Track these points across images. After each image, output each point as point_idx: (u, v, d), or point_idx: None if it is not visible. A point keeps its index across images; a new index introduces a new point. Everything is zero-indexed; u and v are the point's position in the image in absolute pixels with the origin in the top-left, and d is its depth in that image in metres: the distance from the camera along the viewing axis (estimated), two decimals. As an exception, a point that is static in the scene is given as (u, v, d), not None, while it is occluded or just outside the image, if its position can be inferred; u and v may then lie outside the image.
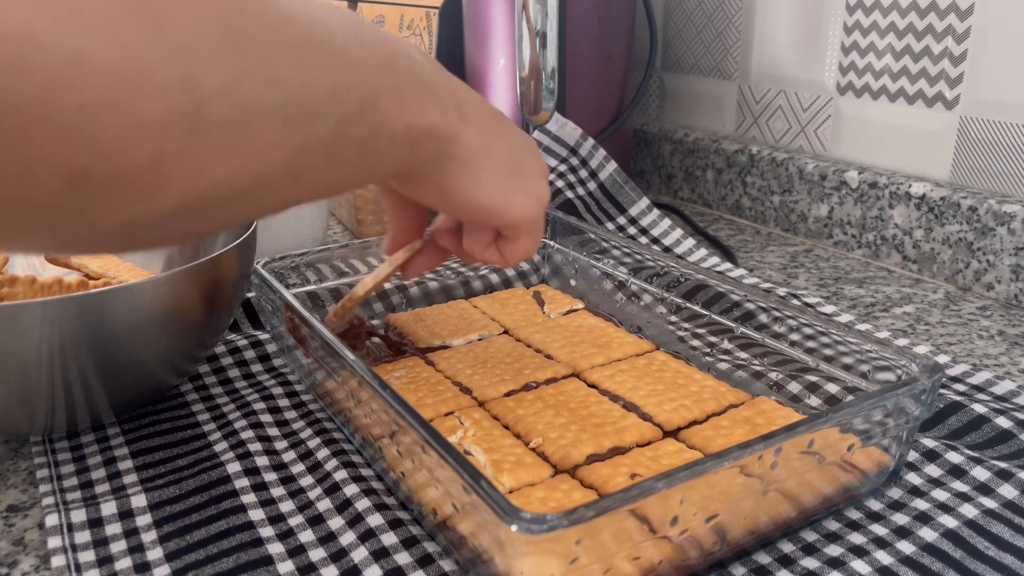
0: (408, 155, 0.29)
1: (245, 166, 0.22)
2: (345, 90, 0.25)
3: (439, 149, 0.30)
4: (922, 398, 0.33)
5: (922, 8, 0.60)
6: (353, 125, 0.26)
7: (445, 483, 0.29)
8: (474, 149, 0.32)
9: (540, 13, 0.63)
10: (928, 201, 0.59)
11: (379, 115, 0.27)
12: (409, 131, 0.28)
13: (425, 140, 0.29)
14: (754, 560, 0.32)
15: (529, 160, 0.35)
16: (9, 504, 0.37)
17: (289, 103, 0.23)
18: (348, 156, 0.26)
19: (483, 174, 0.32)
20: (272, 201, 0.25)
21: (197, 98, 0.20)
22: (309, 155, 0.24)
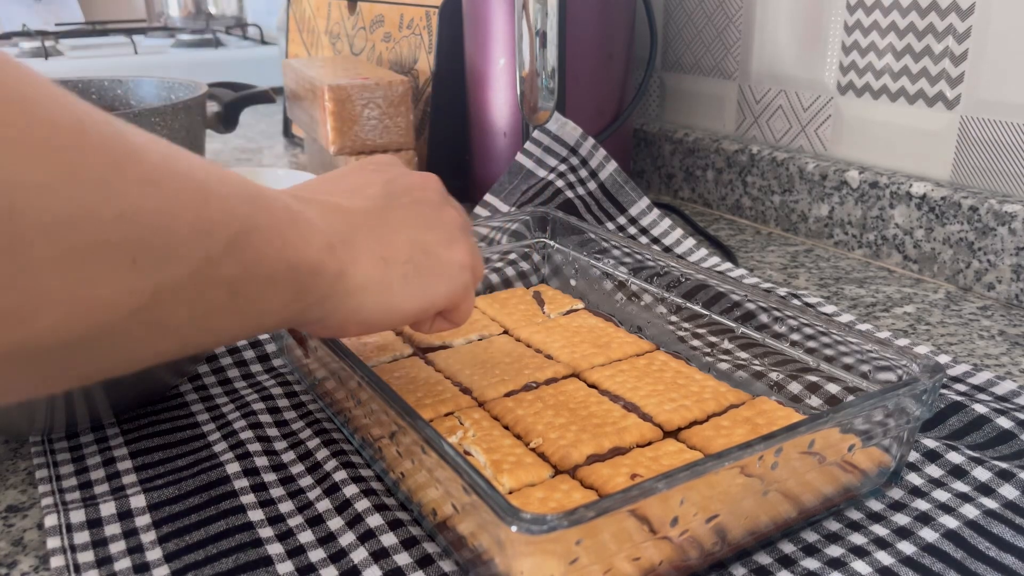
0: (294, 296, 0.27)
1: (80, 313, 0.19)
2: (209, 227, 0.22)
3: (331, 287, 0.28)
4: (923, 398, 0.33)
5: (923, 7, 0.60)
6: (220, 265, 0.23)
7: (445, 483, 0.29)
8: (371, 271, 0.30)
9: (540, 13, 0.62)
10: (929, 201, 0.59)
11: (252, 253, 0.24)
12: (291, 271, 0.26)
13: (311, 279, 0.27)
14: (754, 560, 0.32)
15: (436, 234, 0.33)
16: (8, 504, 0.37)
17: (139, 242, 0.20)
18: (217, 301, 0.24)
19: (391, 290, 0.31)
20: (126, 353, 0.23)
21: (15, 232, 0.17)
22: (165, 300, 0.22)
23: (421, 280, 0.32)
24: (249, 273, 0.25)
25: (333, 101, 0.67)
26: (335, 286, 0.29)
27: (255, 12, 1.76)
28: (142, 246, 0.20)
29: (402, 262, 0.31)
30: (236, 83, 0.93)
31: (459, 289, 0.33)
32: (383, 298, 0.30)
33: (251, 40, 1.62)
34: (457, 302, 0.34)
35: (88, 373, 0.22)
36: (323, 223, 0.29)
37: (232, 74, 1.21)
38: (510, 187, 0.65)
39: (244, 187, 0.25)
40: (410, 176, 0.35)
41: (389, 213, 0.32)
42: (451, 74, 0.76)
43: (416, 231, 0.33)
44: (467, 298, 0.34)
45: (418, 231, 0.33)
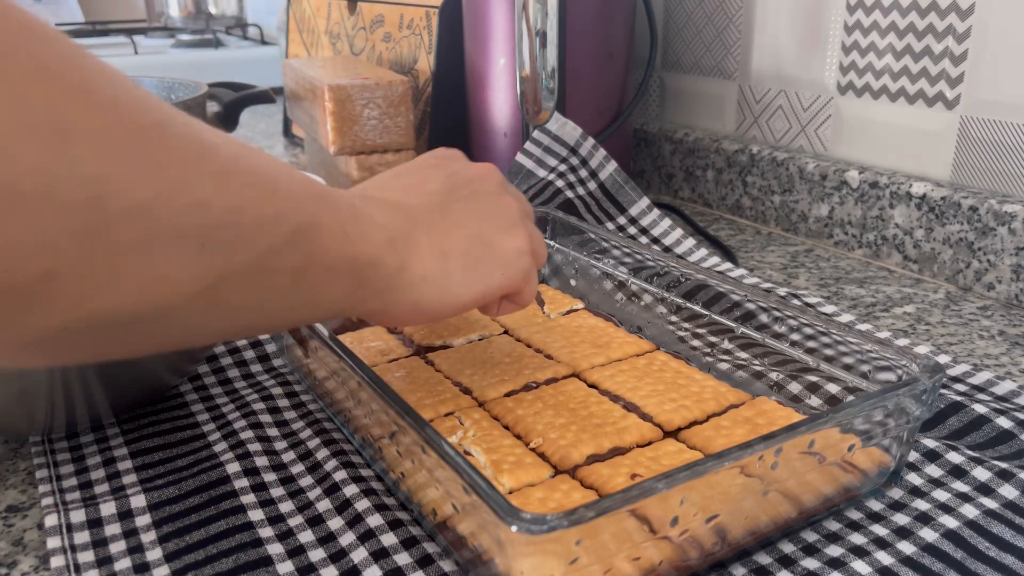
0: (355, 287, 0.29)
1: (148, 291, 0.21)
2: (275, 219, 0.24)
3: (391, 280, 0.30)
4: (923, 398, 0.33)
5: (923, 8, 0.60)
6: (283, 255, 0.25)
7: (445, 483, 0.29)
8: (431, 265, 0.31)
9: (540, 12, 0.62)
10: (929, 201, 0.59)
11: (314, 246, 0.26)
12: (351, 263, 0.28)
13: (371, 272, 0.29)
14: (754, 560, 0.32)
15: (495, 223, 0.34)
16: (8, 504, 0.37)
17: (208, 229, 0.22)
18: (278, 286, 0.25)
19: (450, 281, 0.32)
20: (189, 330, 0.24)
21: (101, 219, 0.19)
22: (229, 284, 0.23)
23: (479, 269, 0.33)
24: (311, 263, 0.26)
25: (333, 101, 0.67)
26: (395, 279, 0.30)
27: (255, 12, 1.76)
28: (210, 233, 0.22)
29: (461, 253, 0.32)
30: (236, 83, 0.93)
31: (518, 275, 0.34)
32: (443, 289, 0.32)
33: (251, 40, 1.62)
34: (518, 286, 0.35)
35: (156, 345, 0.24)
36: (385, 220, 0.30)
37: (232, 74, 1.21)
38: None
39: (311, 186, 0.27)
40: (470, 169, 0.36)
41: (449, 207, 0.33)
42: (451, 74, 0.76)
43: (475, 222, 0.34)
44: (529, 281, 0.35)
45: (477, 222, 0.34)
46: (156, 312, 0.22)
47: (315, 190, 0.27)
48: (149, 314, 0.22)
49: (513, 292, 0.35)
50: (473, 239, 0.33)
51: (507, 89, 0.70)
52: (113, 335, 0.22)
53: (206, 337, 0.26)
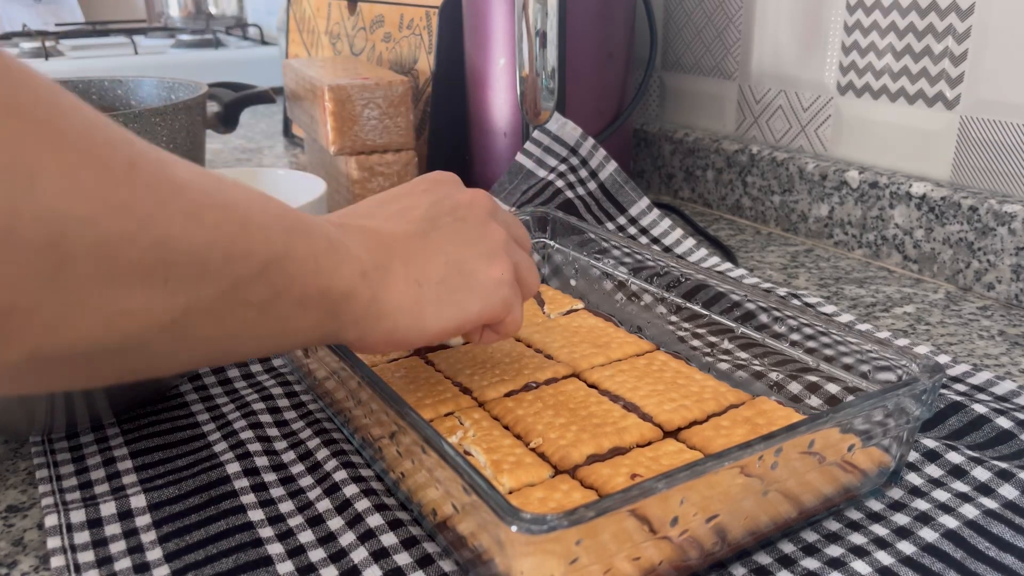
0: (327, 318, 0.29)
1: (112, 325, 0.21)
2: (244, 254, 0.24)
3: (364, 311, 0.30)
4: (923, 398, 0.33)
5: (923, 8, 0.60)
6: (252, 289, 0.25)
7: (445, 483, 0.29)
8: (404, 295, 0.31)
9: (540, 12, 0.62)
10: (928, 201, 0.59)
11: (284, 279, 0.26)
12: (323, 296, 0.28)
13: (344, 304, 0.29)
14: (754, 560, 0.32)
15: (475, 251, 0.34)
16: (8, 504, 0.37)
17: (174, 265, 0.22)
18: (247, 319, 0.26)
19: (423, 311, 0.32)
20: (156, 360, 0.24)
21: (63, 257, 0.19)
22: (196, 317, 0.23)
23: (455, 298, 0.33)
24: (280, 296, 0.26)
25: (333, 101, 0.67)
26: (368, 310, 0.30)
27: (255, 12, 1.76)
28: (175, 269, 0.22)
29: (436, 282, 0.32)
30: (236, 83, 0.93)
31: (497, 305, 0.34)
32: (415, 319, 0.32)
33: (251, 40, 1.62)
34: (498, 316, 0.34)
35: (123, 375, 0.25)
36: (360, 250, 0.30)
37: (232, 74, 1.21)
38: (510, 187, 0.65)
39: (284, 217, 0.27)
40: (457, 195, 0.36)
41: (429, 235, 0.33)
42: (451, 74, 0.77)
43: (454, 250, 0.33)
44: (511, 311, 0.35)
45: (456, 250, 0.34)
46: (121, 344, 0.22)
47: (290, 222, 0.27)
48: (114, 346, 0.22)
49: (494, 322, 0.35)
50: (451, 267, 0.33)
51: (507, 89, 0.70)
52: (78, 366, 0.22)
53: (174, 367, 0.26)
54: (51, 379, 0.23)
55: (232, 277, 0.24)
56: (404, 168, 0.70)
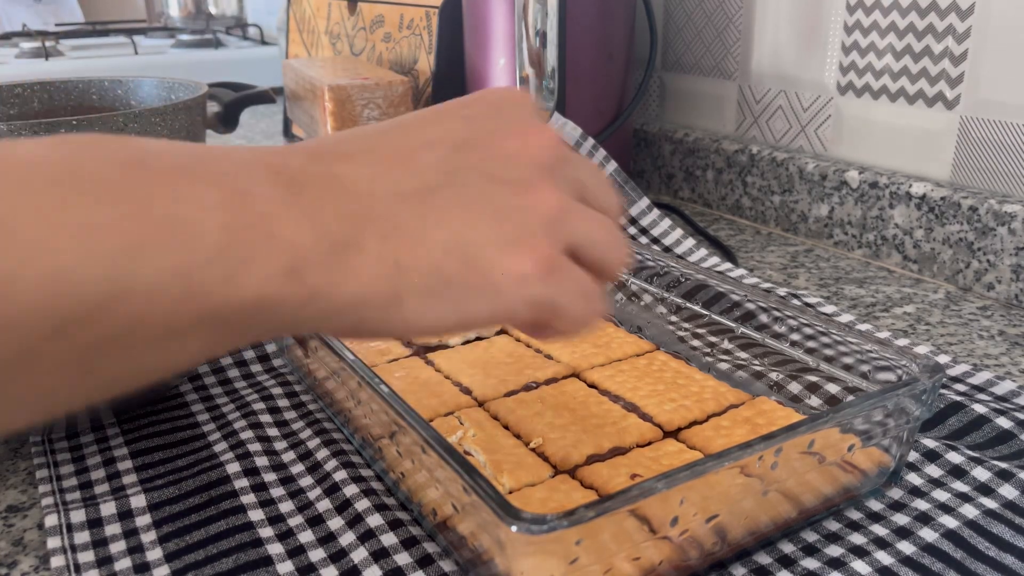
0: (222, 338, 0.21)
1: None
2: (25, 319, 0.17)
3: (298, 314, 0.21)
4: (923, 398, 0.33)
5: (922, 8, 0.60)
6: (59, 343, 0.18)
7: (445, 483, 0.29)
8: (374, 285, 0.22)
9: (540, 13, 0.62)
10: (928, 201, 0.59)
11: (119, 319, 0.18)
12: (201, 321, 0.20)
13: (258, 315, 0.20)
14: (754, 560, 0.32)
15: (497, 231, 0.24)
16: (8, 504, 0.37)
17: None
18: (67, 371, 0.19)
19: (402, 305, 0.23)
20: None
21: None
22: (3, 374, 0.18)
23: (451, 294, 0.24)
24: (115, 339, 0.19)
25: (333, 101, 0.67)
26: (305, 311, 0.22)
27: (255, 12, 1.76)
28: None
29: (424, 271, 0.23)
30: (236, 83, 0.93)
31: (514, 306, 0.24)
32: (391, 313, 0.23)
33: (251, 40, 1.62)
34: (519, 321, 0.25)
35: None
36: (301, 228, 0.21)
37: (232, 74, 1.21)
38: (510, 187, 0.65)
39: (158, 229, 0.19)
40: (504, 137, 0.25)
41: (436, 196, 0.24)
42: (451, 74, 0.76)
43: (464, 226, 0.24)
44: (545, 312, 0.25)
45: (469, 225, 0.24)
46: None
47: (137, 233, 0.18)
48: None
49: (523, 326, 0.26)
50: (451, 251, 0.24)
51: (507, 89, 0.70)
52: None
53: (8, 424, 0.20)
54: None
55: (13, 345, 0.17)
56: (404, 168, 0.70)
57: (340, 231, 0.22)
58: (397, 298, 0.23)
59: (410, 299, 0.23)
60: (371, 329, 0.24)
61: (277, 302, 0.21)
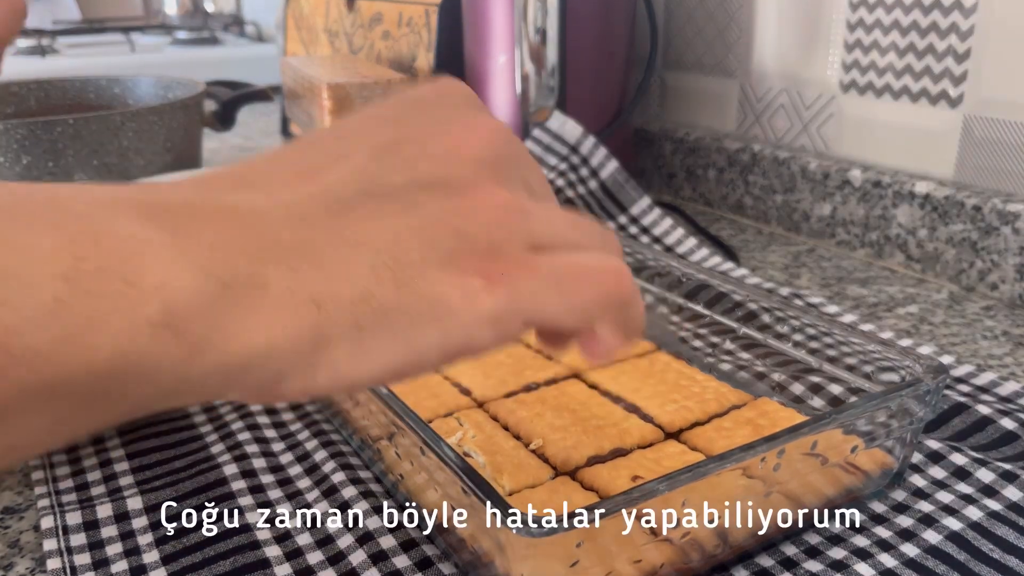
0: (72, 415, 0.16)
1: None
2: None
3: (183, 372, 0.17)
4: (926, 399, 0.33)
5: (925, 5, 0.59)
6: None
7: (444, 485, 0.29)
8: (288, 325, 0.18)
9: (540, 10, 0.62)
10: (932, 200, 0.59)
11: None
12: (51, 390, 0.15)
13: (114, 383, 0.16)
14: (756, 563, 0.31)
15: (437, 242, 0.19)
16: (4, 506, 0.36)
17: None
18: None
19: (331, 351, 0.19)
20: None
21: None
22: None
23: (389, 326, 0.19)
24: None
25: (332, 99, 0.67)
26: (191, 371, 0.17)
27: (253, 10, 1.75)
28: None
29: (349, 302, 0.19)
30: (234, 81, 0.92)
31: (469, 330, 0.20)
32: (317, 361, 0.19)
33: (248, 38, 1.62)
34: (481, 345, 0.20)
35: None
36: (176, 270, 0.16)
37: (230, 72, 1.20)
38: (510, 186, 0.64)
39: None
40: (441, 133, 0.21)
41: (354, 213, 0.19)
42: (451, 72, 0.76)
43: (393, 242, 0.19)
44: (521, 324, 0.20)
45: (397, 241, 0.19)
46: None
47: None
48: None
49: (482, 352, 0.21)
50: (380, 275, 0.19)
51: (507, 87, 0.70)
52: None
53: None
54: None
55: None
56: (403, 167, 0.70)
57: (233, 268, 0.17)
58: (321, 342, 0.18)
59: (338, 341, 0.19)
60: (295, 387, 0.19)
61: (145, 363, 0.16)
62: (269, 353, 0.18)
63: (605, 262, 0.21)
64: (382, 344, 0.19)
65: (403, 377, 0.20)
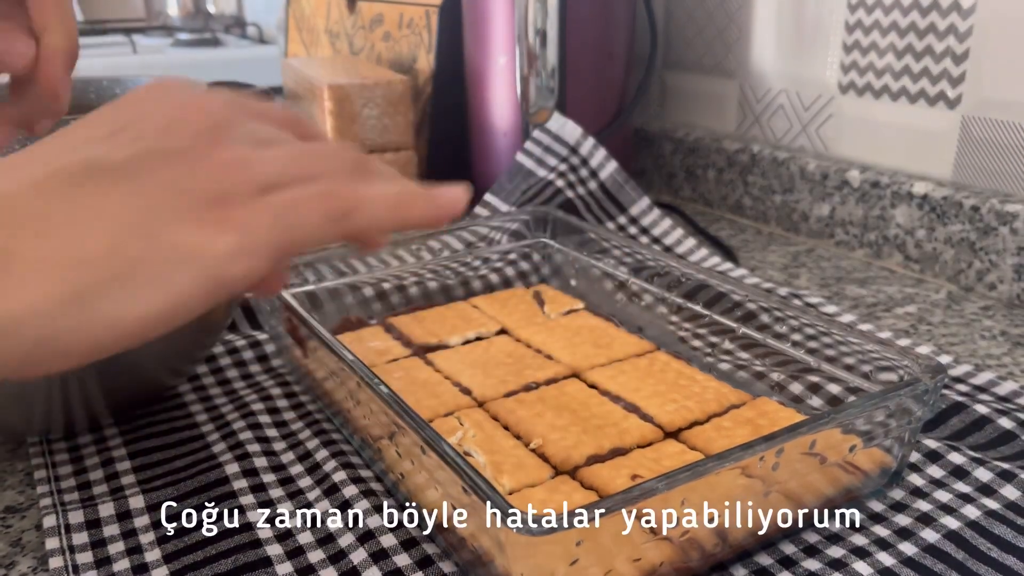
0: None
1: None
2: None
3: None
4: (924, 399, 0.33)
5: (924, 6, 0.59)
6: None
7: (445, 484, 0.29)
8: (43, 288, 0.20)
9: (540, 11, 0.62)
10: (930, 201, 0.59)
11: None
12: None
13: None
14: (755, 562, 0.32)
15: (173, 199, 0.22)
16: (7, 505, 0.37)
17: None
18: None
19: (97, 301, 0.21)
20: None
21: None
22: None
23: (146, 273, 0.21)
24: None
25: (333, 100, 0.67)
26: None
27: (254, 11, 1.76)
28: None
29: (103, 255, 0.21)
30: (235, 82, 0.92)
31: (221, 267, 0.22)
32: (82, 316, 0.20)
33: (250, 39, 1.62)
34: (242, 281, 0.23)
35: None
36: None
37: (231, 73, 1.20)
38: (510, 187, 0.64)
39: None
40: (163, 112, 0.24)
41: (90, 183, 0.22)
42: (451, 73, 0.76)
43: (133, 207, 0.22)
44: (255, 278, 0.23)
45: (137, 206, 0.22)
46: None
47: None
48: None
49: (235, 293, 0.23)
50: (131, 231, 0.22)
51: (507, 88, 0.70)
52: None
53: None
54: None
55: None
56: (403, 167, 0.70)
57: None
58: (82, 296, 0.20)
59: (100, 293, 0.21)
60: (63, 346, 0.20)
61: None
62: (31, 314, 0.20)
63: (321, 188, 0.24)
64: (143, 292, 0.21)
65: (174, 319, 0.22)
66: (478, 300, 0.52)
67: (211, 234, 0.22)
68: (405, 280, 0.52)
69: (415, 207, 0.26)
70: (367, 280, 0.51)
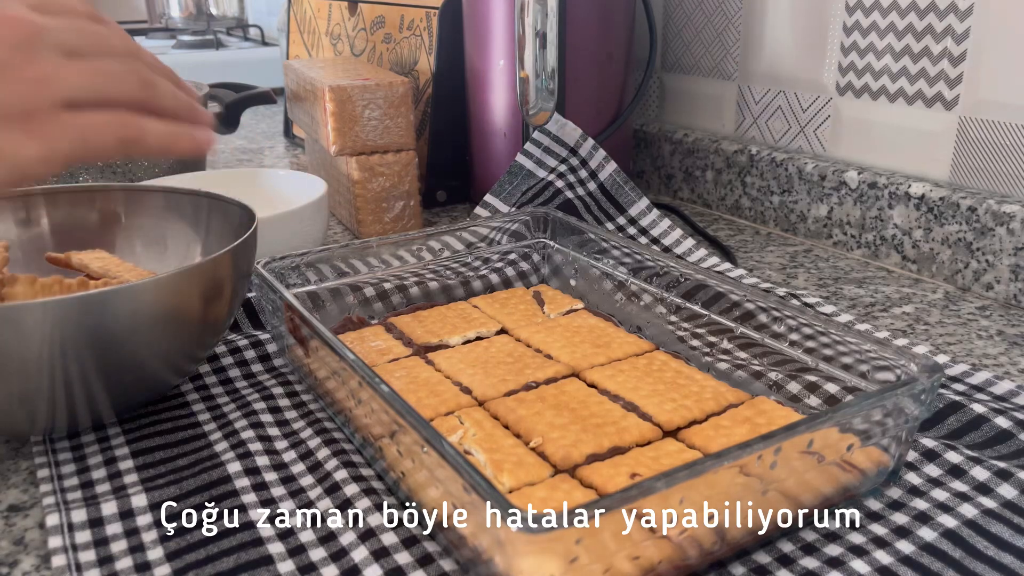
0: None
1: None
2: None
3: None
4: (921, 398, 0.33)
5: (921, 8, 0.60)
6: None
7: (445, 483, 0.29)
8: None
9: (540, 13, 0.63)
10: (927, 201, 0.59)
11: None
12: None
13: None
14: (754, 560, 0.32)
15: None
16: (10, 504, 0.37)
17: None
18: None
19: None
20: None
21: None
22: None
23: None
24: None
25: (334, 102, 0.67)
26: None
27: (256, 13, 1.76)
28: None
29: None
30: (237, 84, 0.93)
31: (25, 171, 0.28)
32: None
33: (252, 41, 1.62)
34: (35, 177, 0.28)
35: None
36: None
37: (233, 75, 1.21)
38: (510, 188, 0.65)
39: None
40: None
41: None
42: (451, 75, 0.77)
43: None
44: (74, 157, 0.29)
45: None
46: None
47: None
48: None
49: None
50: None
51: (507, 90, 0.70)
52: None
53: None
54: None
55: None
56: (404, 168, 0.70)
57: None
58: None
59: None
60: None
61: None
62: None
63: (115, 117, 0.29)
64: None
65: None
66: (478, 300, 0.52)
67: (20, 140, 0.27)
68: (406, 280, 0.53)
69: (180, 142, 0.33)
70: (368, 280, 0.51)
